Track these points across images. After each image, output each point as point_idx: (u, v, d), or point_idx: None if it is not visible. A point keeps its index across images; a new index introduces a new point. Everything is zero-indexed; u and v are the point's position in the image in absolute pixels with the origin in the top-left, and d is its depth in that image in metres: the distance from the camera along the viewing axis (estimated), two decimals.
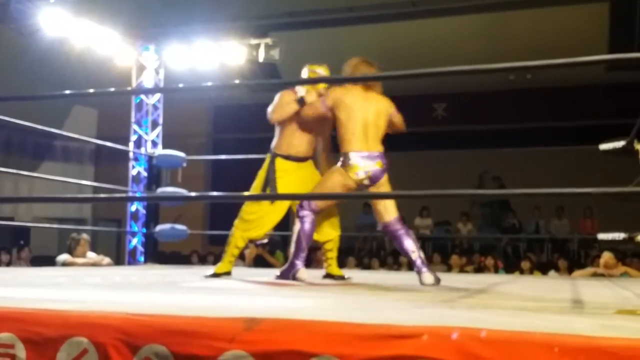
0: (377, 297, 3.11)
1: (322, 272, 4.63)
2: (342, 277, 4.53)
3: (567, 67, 2.71)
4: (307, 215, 4.19)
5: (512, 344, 1.67)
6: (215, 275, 4.46)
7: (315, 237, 4.44)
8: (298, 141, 4.47)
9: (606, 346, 1.62)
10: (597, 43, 9.99)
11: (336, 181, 4.10)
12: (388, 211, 4.14)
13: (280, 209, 4.47)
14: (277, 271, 4.47)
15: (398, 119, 4.29)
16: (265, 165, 4.52)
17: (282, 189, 4.38)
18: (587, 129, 11.07)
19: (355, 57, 4.30)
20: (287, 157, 4.46)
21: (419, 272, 4.04)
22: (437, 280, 3.99)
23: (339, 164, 4.14)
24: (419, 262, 4.06)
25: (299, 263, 4.20)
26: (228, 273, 4.51)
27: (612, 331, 1.75)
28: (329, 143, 4.60)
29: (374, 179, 4.10)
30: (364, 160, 4.07)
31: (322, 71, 4.49)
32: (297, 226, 4.23)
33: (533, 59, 2.64)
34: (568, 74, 11.01)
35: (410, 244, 4.12)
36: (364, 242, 12.38)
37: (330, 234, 4.51)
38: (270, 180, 4.42)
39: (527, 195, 3.38)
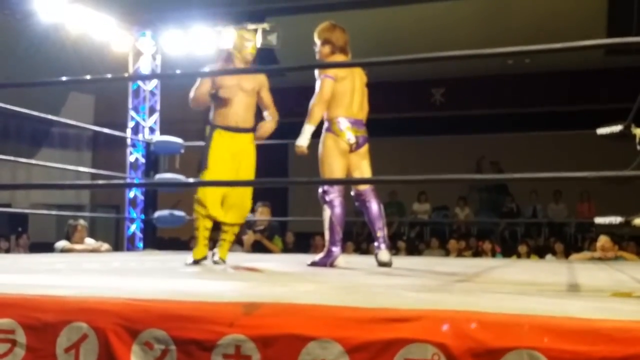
0: (376, 282, 3.13)
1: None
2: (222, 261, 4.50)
3: (565, 52, 2.71)
4: (335, 198, 4.12)
5: (508, 327, 1.69)
6: (196, 262, 4.40)
7: (223, 218, 4.43)
8: (233, 110, 4.36)
9: (601, 328, 1.64)
10: (596, 26, 9.96)
11: (333, 149, 4.13)
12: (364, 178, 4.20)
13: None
14: (313, 258, 4.33)
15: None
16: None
17: (216, 161, 4.33)
18: (586, 113, 11.06)
19: (324, 23, 4.34)
20: (225, 128, 4.36)
21: (378, 248, 4.12)
22: (391, 261, 4.08)
23: (326, 130, 4.17)
24: (380, 239, 4.12)
25: (336, 250, 4.13)
26: (205, 257, 4.48)
27: (607, 314, 1.77)
28: None
29: (359, 145, 4.18)
30: (353, 125, 4.15)
31: (250, 36, 4.53)
32: (326, 212, 4.14)
33: (531, 43, 2.64)
34: (566, 58, 10.99)
35: (378, 217, 4.17)
36: (362, 227, 12.40)
37: (240, 218, 4.54)
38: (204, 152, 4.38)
39: (524, 179, 3.40)
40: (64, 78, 3.24)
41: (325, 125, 4.19)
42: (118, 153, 9.19)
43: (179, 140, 7.95)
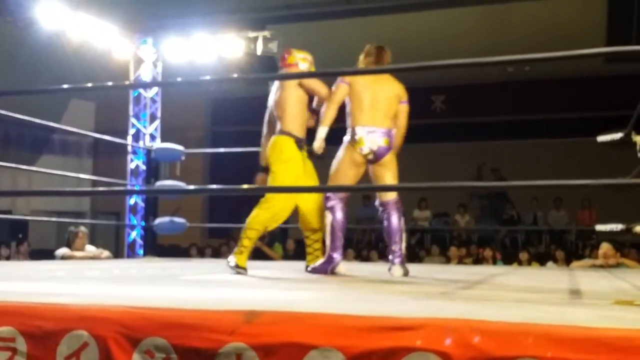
0: (376, 290, 3.12)
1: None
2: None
3: (565, 60, 2.71)
4: (336, 204, 4.11)
5: (511, 336, 1.69)
6: (240, 268, 4.12)
7: (307, 224, 4.37)
8: (301, 123, 4.35)
9: (603, 337, 1.63)
10: (595, 34, 9.98)
11: (346, 158, 4.10)
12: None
13: (292, 202, 4.29)
14: (313, 265, 4.25)
15: (404, 109, 4.28)
16: (289, 145, 4.27)
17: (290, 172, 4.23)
18: (586, 120, 11.07)
19: (370, 44, 4.31)
20: (296, 140, 4.28)
21: (392, 263, 4.08)
22: (406, 274, 4.05)
23: (346, 139, 4.14)
24: (397, 252, 4.08)
25: (337, 256, 4.10)
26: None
27: (609, 322, 1.77)
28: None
29: (378, 155, 4.10)
30: (369, 135, 4.07)
31: (307, 57, 4.45)
32: (328, 217, 4.13)
33: (532, 51, 2.65)
34: (566, 65, 11.01)
35: (396, 231, 4.11)
36: (362, 234, 12.40)
37: (318, 222, 4.42)
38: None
39: (524, 187, 3.40)
40: (65, 86, 3.24)
41: (346, 134, 4.16)
42: (119, 160, 9.20)
43: (179, 147, 7.96)
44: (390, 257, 4.12)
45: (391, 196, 4.17)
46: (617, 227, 4.22)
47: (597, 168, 5.09)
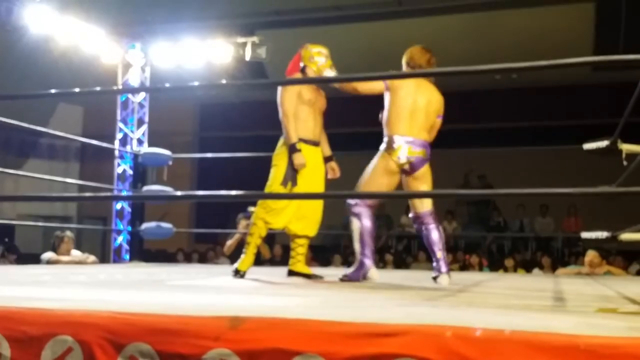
0: (362, 296, 3.13)
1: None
2: (309, 276, 4.41)
3: (552, 69, 2.74)
4: (363, 212, 4.07)
5: (493, 343, 1.69)
6: (239, 273, 4.27)
7: (294, 228, 4.37)
8: (312, 125, 4.34)
9: (586, 344, 1.64)
10: (583, 43, 10.06)
11: (380, 166, 4.06)
12: (422, 202, 4.13)
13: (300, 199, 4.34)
14: (345, 271, 4.27)
15: (438, 124, 4.27)
16: (283, 150, 4.32)
17: (303, 176, 4.24)
18: (573, 128, 11.14)
19: (414, 46, 4.26)
20: (306, 141, 4.30)
21: (438, 271, 4.06)
22: (449, 284, 4.02)
23: (383, 146, 4.10)
24: (441, 261, 4.07)
25: (369, 262, 4.08)
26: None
27: (592, 329, 1.78)
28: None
29: (414, 167, 4.06)
30: (407, 145, 4.02)
31: (322, 50, 4.43)
32: (355, 224, 4.08)
33: (519, 59, 2.66)
34: (554, 73, 11.06)
35: (437, 241, 4.11)
36: (349, 239, 12.39)
37: (312, 230, 4.43)
38: (290, 168, 4.25)
39: (509, 195, 3.42)
40: (53, 90, 3.24)
41: (385, 141, 4.12)
42: (106, 164, 9.16)
43: (167, 152, 7.94)
44: (435, 265, 4.10)
45: (427, 207, 4.14)
46: (603, 234, 4.25)
47: (584, 175, 5.13)
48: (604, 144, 4.16)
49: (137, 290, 3.27)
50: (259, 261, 8.28)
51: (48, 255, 6.72)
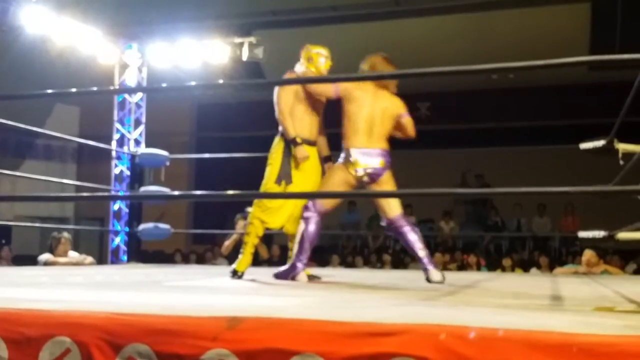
0: (360, 296, 3.13)
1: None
2: (307, 276, 4.36)
3: (548, 68, 2.74)
4: (312, 217, 4.09)
5: (490, 341, 1.70)
6: (237, 274, 4.30)
7: (291, 228, 4.38)
8: (308, 124, 4.36)
9: (582, 343, 1.65)
10: (579, 43, 10.08)
11: (337, 178, 4.08)
12: (391, 208, 4.13)
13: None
14: (275, 269, 4.34)
15: (408, 121, 4.25)
16: (277, 149, 4.36)
17: (298, 174, 4.28)
18: (569, 127, 11.15)
19: (375, 54, 4.28)
20: (302, 140, 4.32)
21: (425, 270, 4.04)
22: (444, 278, 4.01)
23: (341, 159, 4.12)
24: (425, 259, 4.06)
25: (300, 266, 4.11)
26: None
27: (588, 328, 1.79)
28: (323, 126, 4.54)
29: (373, 177, 4.07)
30: (364, 157, 4.03)
31: (322, 51, 4.46)
32: (301, 227, 4.12)
33: (516, 59, 2.67)
34: (550, 73, 11.08)
35: (415, 241, 4.10)
36: (347, 240, 12.42)
37: None
38: (284, 166, 4.29)
39: (506, 193, 3.43)
40: (49, 91, 3.24)
41: (343, 155, 4.13)
42: (103, 165, 9.15)
43: (164, 152, 7.93)
44: (422, 265, 4.09)
45: (397, 211, 4.14)
46: (600, 233, 4.26)
47: (580, 175, 5.14)
48: (600, 143, 4.17)
49: (134, 291, 3.27)
50: (256, 261, 8.30)
51: (45, 256, 6.71)
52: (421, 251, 4.08)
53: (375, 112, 4.10)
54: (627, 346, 1.62)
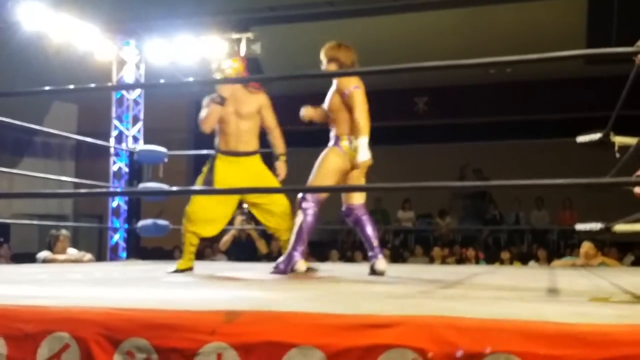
0: (357, 289, 3.14)
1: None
2: (308, 268, 4.42)
3: (545, 62, 2.75)
4: (310, 207, 4.12)
5: (486, 332, 1.71)
6: (178, 271, 4.48)
7: (272, 226, 4.52)
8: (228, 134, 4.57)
9: (577, 332, 1.66)
10: (576, 36, 10.06)
11: (335, 165, 4.11)
12: (357, 194, 4.22)
13: (228, 202, 4.49)
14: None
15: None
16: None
17: (219, 183, 4.46)
18: (566, 121, 11.16)
19: (330, 42, 4.34)
20: (225, 153, 4.56)
21: (375, 258, 4.13)
22: (385, 270, 4.14)
23: (332, 142, 4.16)
24: (377, 249, 4.16)
25: (297, 255, 4.15)
26: (190, 269, 4.54)
27: (583, 318, 1.80)
28: None
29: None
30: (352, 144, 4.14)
31: (231, 64, 4.68)
32: (299, 217, 4.15)
33: (512, 53, 2.68)
34: (547, 67, 11.08)
35: (372, 230, 4.21)
36: (347, 235, 12.43)
37: (284, 222, 4.51)
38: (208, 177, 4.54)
39: (504, 186, 3.44)
40: (47, 87, 3.24)
41: (333, 140, 4.18)
42: (101, 162, 9.16)
43: (162, 149, 7.94)
44: (370, 253, 4.18)
45: (361, 200, 4.24)
46: (597, 226, 4.27)
47: (577, 168, 5.15)
48: (596, 136, 4.18)
49: (133, 286, 3.28)
50: (256, 256, 8.32)
51: (44, 254, 6.72)
52: (375, 241, 4.19)
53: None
54: (621, 335, 1.64)
